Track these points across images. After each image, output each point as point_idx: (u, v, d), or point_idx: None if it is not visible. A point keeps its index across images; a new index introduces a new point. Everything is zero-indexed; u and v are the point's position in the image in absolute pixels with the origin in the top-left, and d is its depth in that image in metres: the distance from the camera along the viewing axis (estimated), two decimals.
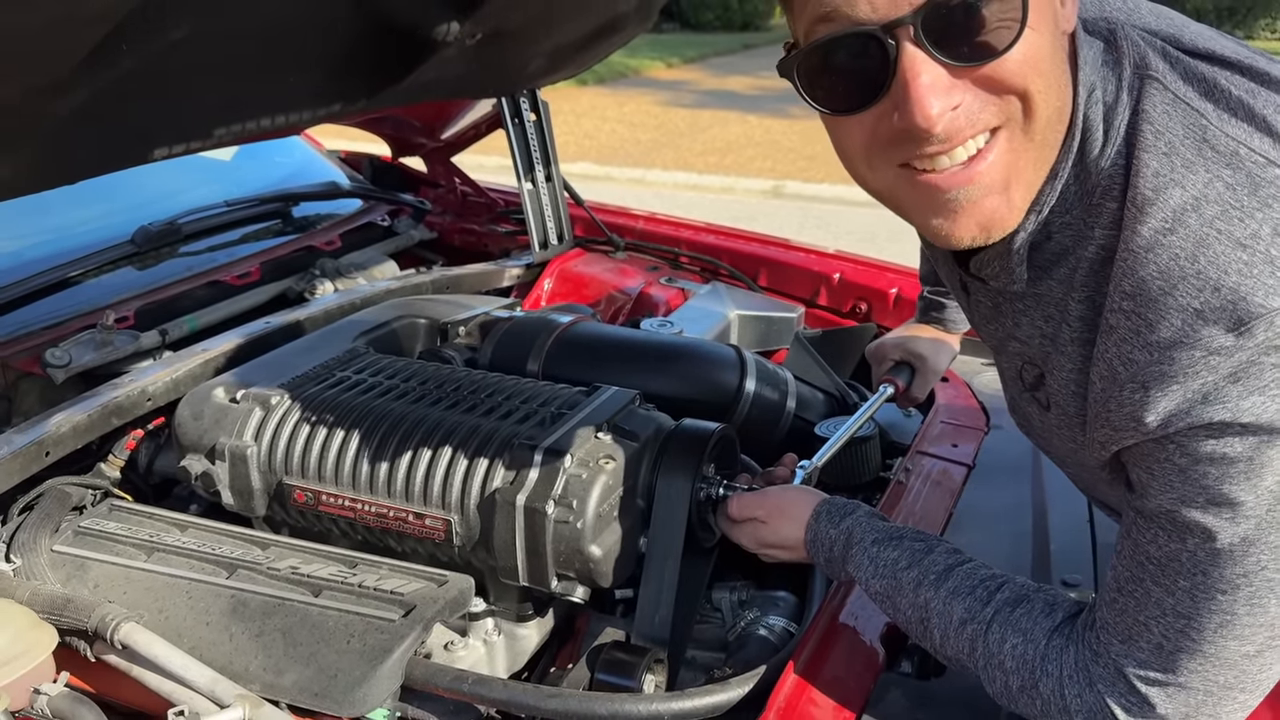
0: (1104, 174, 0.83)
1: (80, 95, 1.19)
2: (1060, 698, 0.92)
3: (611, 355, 1.62)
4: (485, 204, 2.62)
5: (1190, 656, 0.85)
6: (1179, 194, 0.79)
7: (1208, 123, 0.80)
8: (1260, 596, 0.81)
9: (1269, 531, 0.78)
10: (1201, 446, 0.78)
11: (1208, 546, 0.80)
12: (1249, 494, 0.77)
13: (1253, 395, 0.75)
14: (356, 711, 1.09)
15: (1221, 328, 0.75)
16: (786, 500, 1.22)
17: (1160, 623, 0.86)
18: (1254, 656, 0.84)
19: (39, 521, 1.33)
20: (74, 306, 1.75)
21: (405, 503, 1.27)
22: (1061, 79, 0.83)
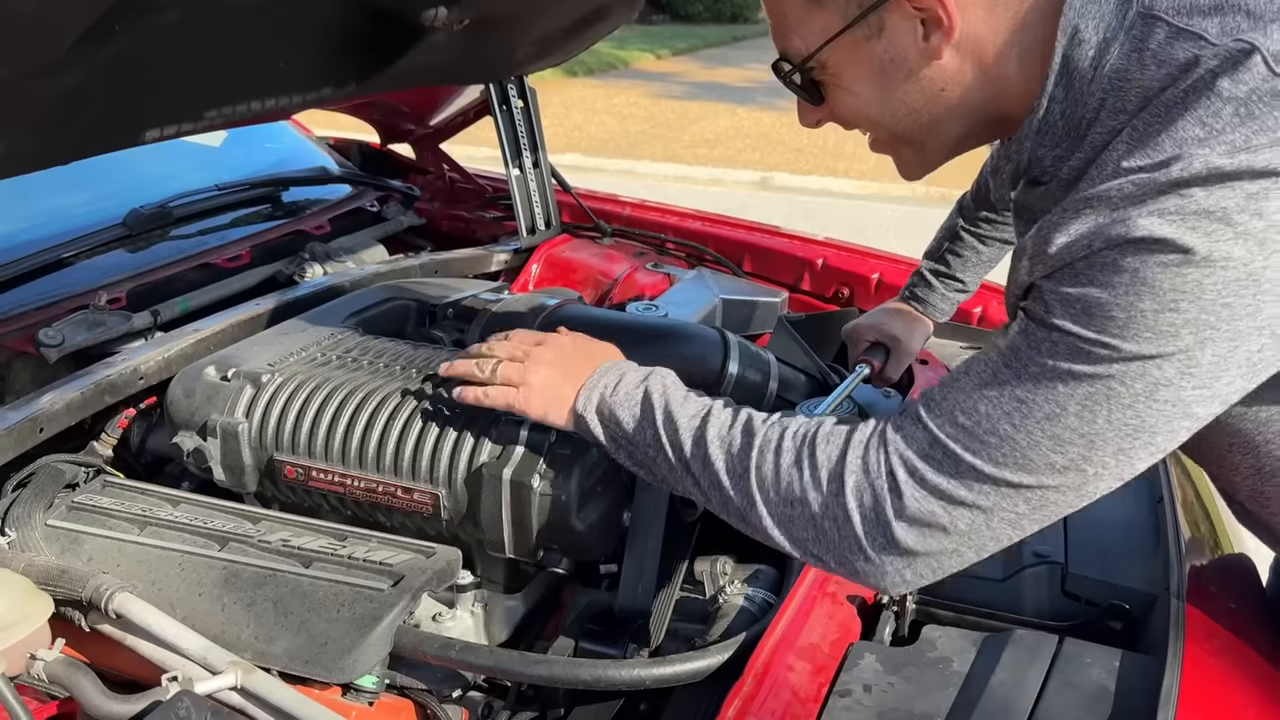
0: (1088, 109, 0.89)
1: (73, 76, 1.21)
2: (839, 460, 0.94)
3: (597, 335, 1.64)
4: (473, 190, 2.65)
5: (1002, 441, 0.87)
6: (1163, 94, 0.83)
7: (1206, 42, 0.83)
8: (1095, 403, 0.83)
9: (1131, 345, 0.81)
10: (1096, 262, 0.82)
11: (1068, 342, 0.84)
12: (1124, 312, 0.81)
13: (1151, 216, 0.79)
14: (346, 678, 1.12)
15: (1147, 172, 0.80)
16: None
17: (990, 401, 0.88)
18: (1058, 470, 0.86)
19: (33, 497, 1.35)
20: (67, 287, 1.77)
21: (394, 477, 1.30)
22: (908, 101, 0.98)
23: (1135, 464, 0.87)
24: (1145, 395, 0.83)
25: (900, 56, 0.95)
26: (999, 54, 0.93)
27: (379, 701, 1.15)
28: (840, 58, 0.98)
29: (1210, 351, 0.81)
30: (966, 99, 0.97)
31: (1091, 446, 0.85)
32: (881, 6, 0.93)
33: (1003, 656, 1.09)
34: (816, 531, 0.95)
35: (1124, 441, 0.85)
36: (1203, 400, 0.84)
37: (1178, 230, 0.78)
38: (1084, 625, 1.19)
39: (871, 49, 0.96)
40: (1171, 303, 0.79)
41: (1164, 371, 0.82)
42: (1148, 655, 1.10)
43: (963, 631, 1.15)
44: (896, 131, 1.02)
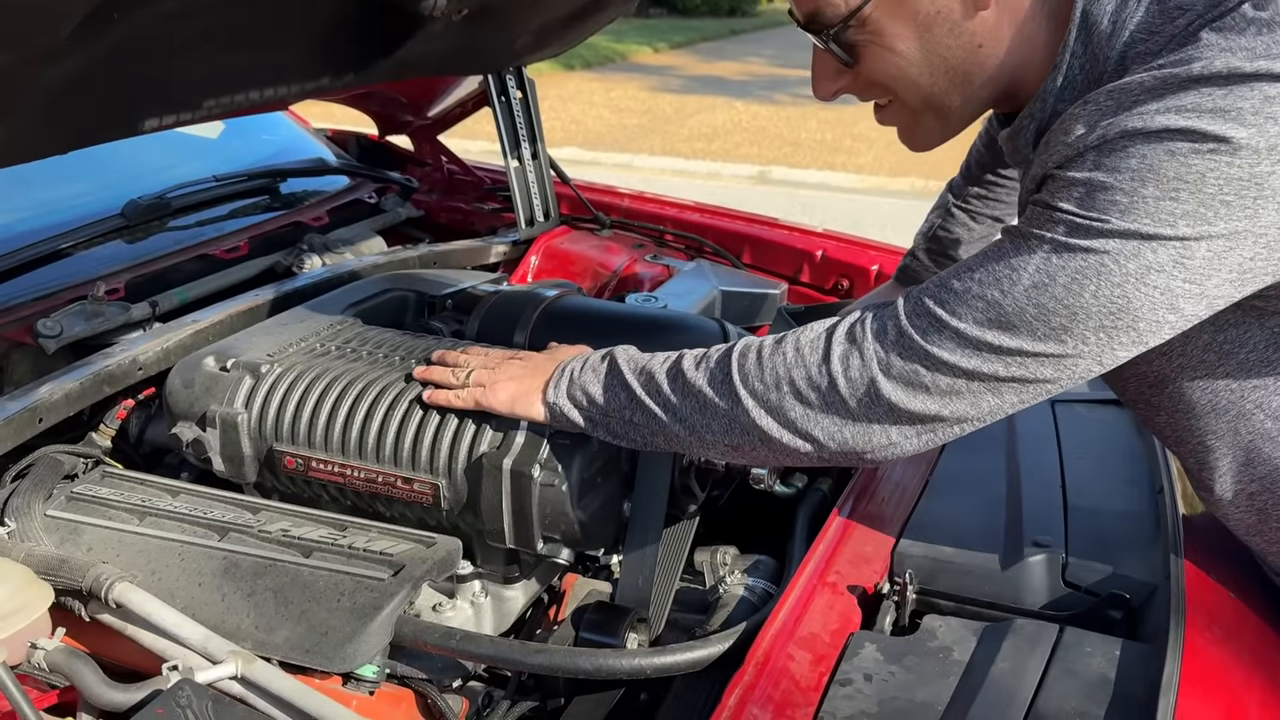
0: (1111, 64, 0.90)
1: (72, 65, 1.21)
2: (825, 336, 0.98)
3: (597, 327, 1.65)
4: (472, 182, 2.64)
5: (989, 305, 0.89)
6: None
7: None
8: (1085, 276, 0.85)
9: (1130, 224, 0.83)
10: (1107, 149, 0.84)
11: (1067, 220, 0.86)
12: (1126, 196, 0.83)
13: (1168, 111, 0.81)
14: (346, 667, 1.12)
15: (1168, 68, 0.82)
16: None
17: (984, 270, 0.91)
18: (1039, 338, 0.88)
19: (32, 487, 1.35)
20: (65, 278, 1.77)
21: (394, 468, 1.30)
22: (949, 58, 0.98)
23: (1115, 348, 0.88)
24: (1136, 276, 0.84)
25: (946, 8, 0.96)
26: (1032, 12, 0.95)
27: (379, 691, 1.15)
28: (883, 12, 0.98)
29: (1205, 246, 0.82)
30: (1000, 58, 0.98)
31: (1074, 318, 0.87)
32: None
33: (1003, 646, 1.09)
34: (805, 406, 0.98)
35: (1107, 320, 0.86)
36: (1190, 296, 0.85)
37: (1190, 121, 0.80)
38: (1084, 614, 1.19)
39: (912, 5, 0.96)
40: (1173, 191, 0.81)
41: (1158, 256, 0.83)
42: (1148, 644, 1.10)
43: (963, 621, 1.15)
44: (929, 93, 1.02)
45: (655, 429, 1.11)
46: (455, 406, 1.26)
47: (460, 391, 1.25)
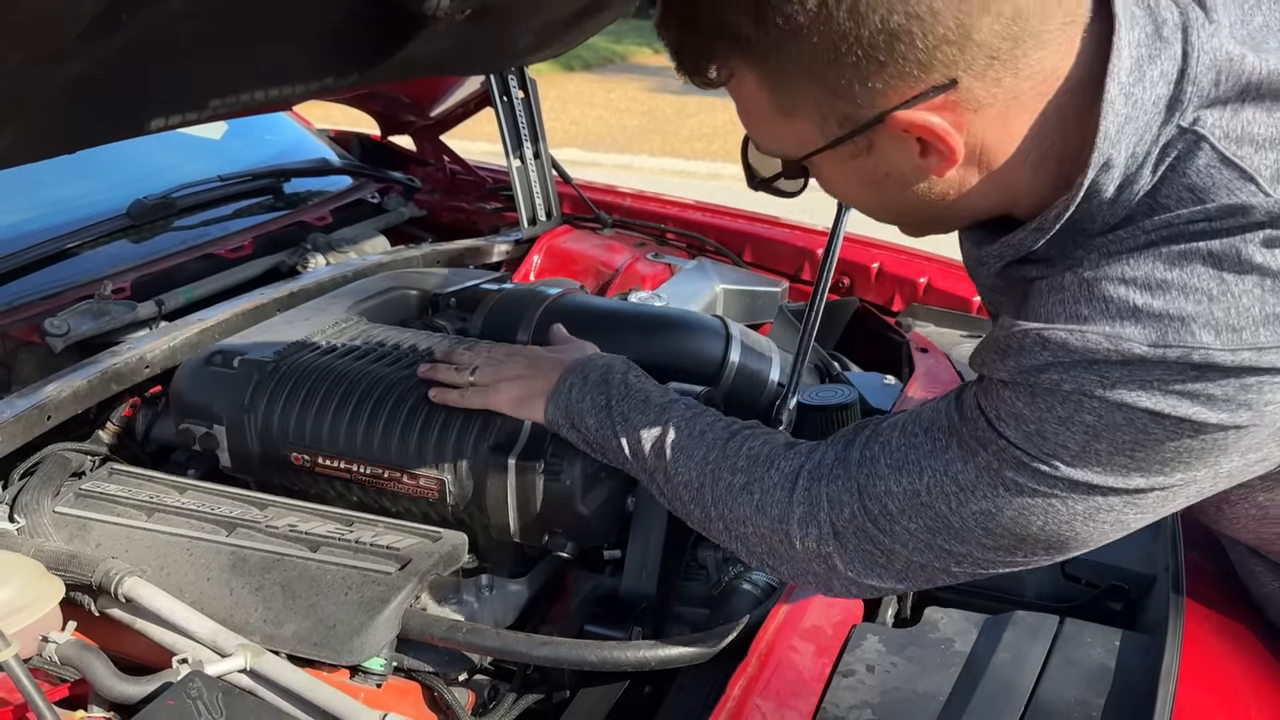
0: (1103, 220, 0.80)
1: (80, 65, 1.22)
2: (787, 490, 0.97)
3: (600, 325, 1.66)
4: (474, 182, 2.66)
5: (937, 517, 0.89)
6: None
7: (1257, 186, 0.74)
8: (1031, 513, 0.84)
9: (1080, 474, 0.80)
10: (1063, 396, 0.78)
11: (1014, 455, 0.82)
12: (1079, 445, 0.79)
13: (1134, 387, 0.75)
14: (354, 660, 1.13)
15: (1143, 334, 0.74)
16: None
17: (931, 473, 0.88)
18: (989, 549, 0.88)
19: (41, 484, 1.36)
20: (71, 277, 1.78)
21: (400, 464, 1.31)
22: (908, 208, 0.89)
23: (1064, 555, 0.89)
24: (1085, 516, 0.83)
25: (895, 172, 0.85)
26: (1012, 162, 0.82)
27: (386, 683, 1.16)
28: (827, 165, 0.88)
29: (1158, 491, 0.80)
30: (970, 202, 0.87)
31: (1022, 542, 0.87)
32: (868, 130, 0.81)
33: (1004, 637, 1.10)
34: (768, 549, 0.99)
35: (1054, 542, 0.86)
36: (1142, 520, 0.85)
37: (1155, 402, 0.74)
38: (1084, 606, 1.20)
39: (862, 164, 0.85)
40: (1129, 449, 0.77)
41: (1108, 500, 0.81)
42: (1147, 634, 1.11)
43: (964, 613, 1.16)
44: (897, 222, 0.96)
45: (644, 483, 1.13)
46: (460, 407, 1.27)
47: (465, 392, 1.26)
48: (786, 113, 0.84)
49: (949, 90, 0.77)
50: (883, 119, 0.79)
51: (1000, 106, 0.79)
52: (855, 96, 0.79)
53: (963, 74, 0.76)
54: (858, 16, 0.74)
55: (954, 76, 0.76)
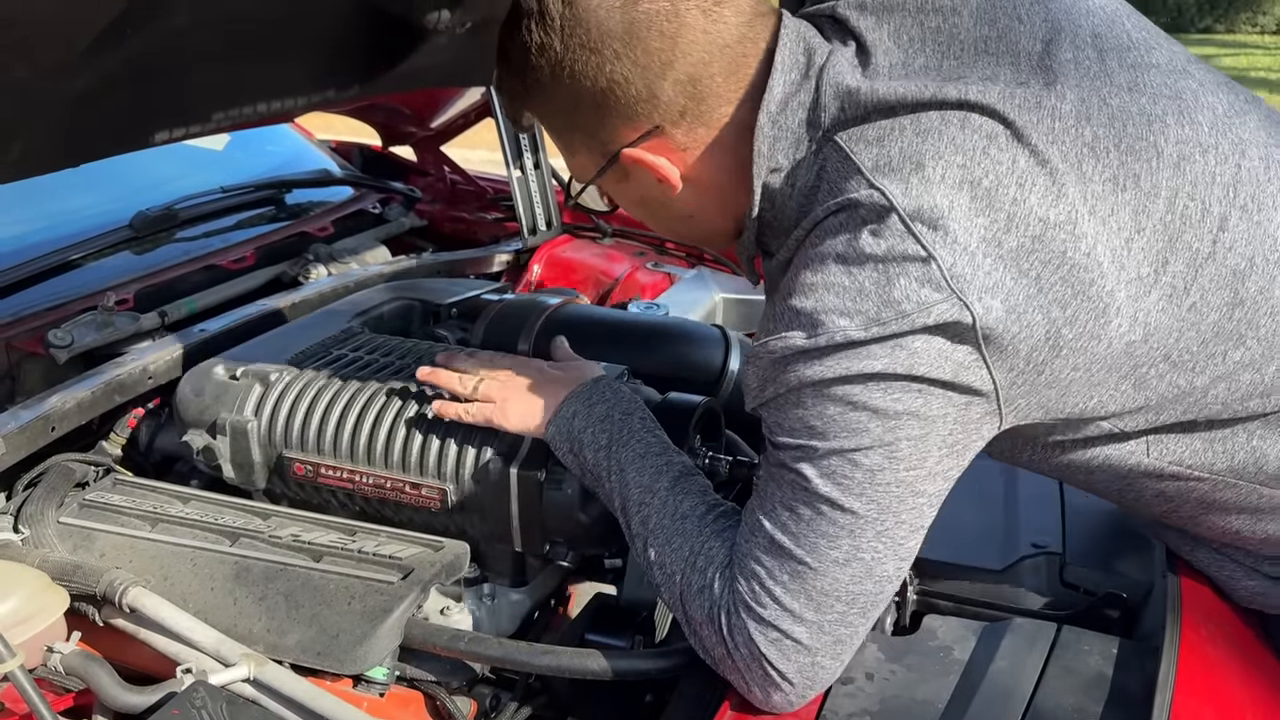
0: (791, 216, 1.00)
1: (85, 79, 1.23)
2: (721, 604, 1.01)
3: (600, 334, 1.67)
4: (474, 192, 2.67)
5: (789, 556, 0.95)
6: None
7: (862, 177, 0.92)
8: (833, 498, 0.92)
9: (835, 442, 0.91)
10: (786, 399, 0.93)
11: (791, 453, 0.94)
12: (818, 419, 0.92)
13: (812, 368, 0.90)
14: (357, 669, 1.14)
15: (803, 331, 0.90)
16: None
17: (770, 517, 0.97)
18: (841, 564, 0.94)
19: (45, 495, 1.36)
20: (75, 289, 1.79)
21: (402, 473, 1.32)
22: (673, 224, 1.13)
23: (901, 541, 0.95)
24: (868, 482, 0.92)
25: (648, 193, 1.07)
26: (730, 182, 1.03)
27: (389, 693, 1.17)
28: (609, 188, 1.11)
29: (905, 440, 0.91)
30: (714, 218, 1.09)
31: (853, 534, 0.94)
32: (615, 162, 1.03)
33: (1002, 645, 1.11)
34: (720, 659, 1.03)
35: (877, 525, 0.93)
36: (922, 479, 0.93)
37: (836, 371, 0.89)
38: (1082, 614, 1.21)
39: (627, 187, 1.08)
40: (849, 406, 0.90)
41: (872, 459, 0.91)
42: (1145, 642, 1.11)
43: (963, 621, 1.17)
44: (676, 237, 1.23)
45: (624, 530, 1.14)
46: (464, 422, 1.27)
47: (470, 407, 1.26)
48: (569, 149, 1.08)
49: (656, 134, 1.00)
50: (617, 156, 1.02)
51: (702, 148, 1.02)
52: (601, 136, 1.03)
53: (662, 122, 1.00)
54: (576, 81, 0.98)
55: (656, 124, 1.00)
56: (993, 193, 0.88)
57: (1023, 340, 0.88)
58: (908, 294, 0.87)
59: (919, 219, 0.87)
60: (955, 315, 0.86)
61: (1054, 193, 0.89)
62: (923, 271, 0.87)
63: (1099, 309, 0.89)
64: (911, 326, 0.87)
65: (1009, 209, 0.88)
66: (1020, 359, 0.89)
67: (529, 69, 1.00)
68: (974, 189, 0.88)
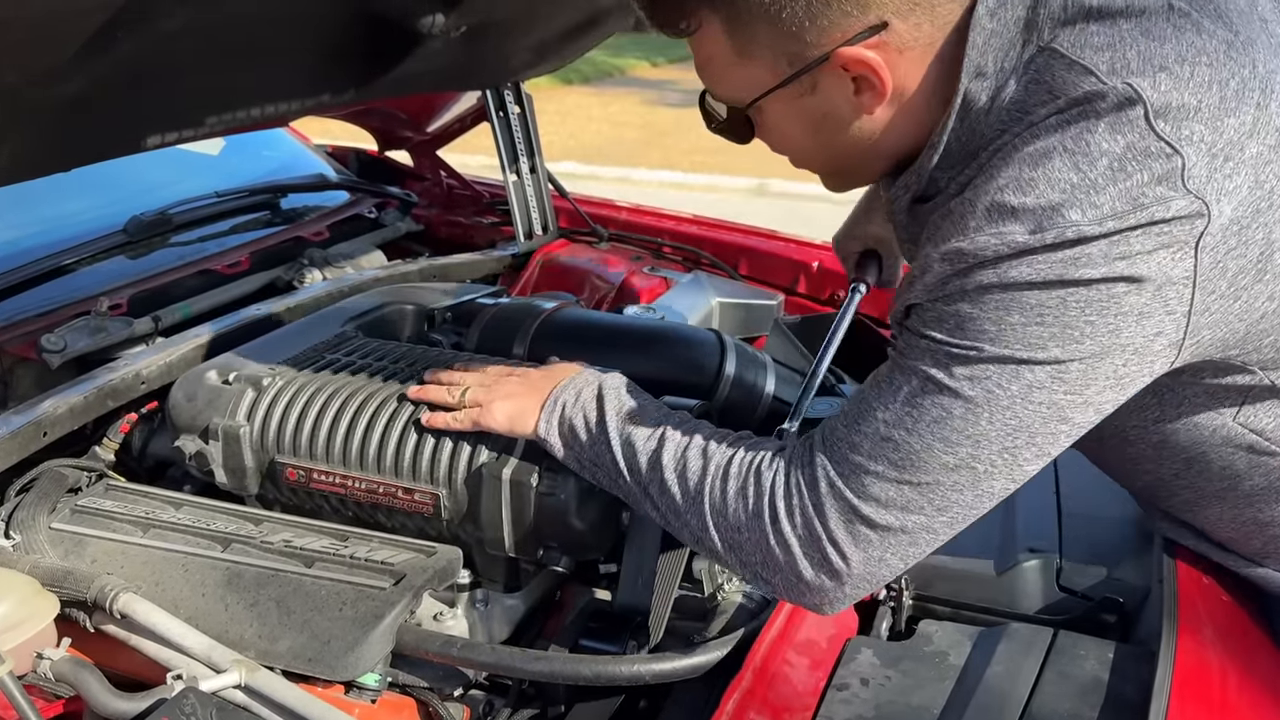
0: (985, 136, 0.93)
1: (77, 83, 1.23)
2: (773, 488, 0.98)
3: (595, 338, 1.66)
4: (470, 196, 2.67)
5: (898, 446, 0.92)
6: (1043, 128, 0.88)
7: (1096, 78, 0.87)
8: (976, 405, 0.89)
9: (1004, 349, 0.87)
10: (972, 292, 0.88)
11: (945, 350, 0.90)
12: (994, 325, 0.87)
13: (1023, 268, 0.85)
14: (349, 675, 1.13)
15: (1024, 226, 0.85)
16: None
17: (886, 410, 0.93)
18: (951, 469, 0.91)
19: (36, 501, 1.36)
20: (68, 294, 1.79)
21: (394, 478, 1.31)
22: (842, 149, 1.02)
23: (1022, 464, 0.92)
24: (1021, 397, 0.88)
25: (834, 111, 0.98)
26: (924, 100, 0.96)
27: (381, 699, 1.16)
28: (774, 108, 1.01)
29: (1078, 361, 0.87)
30: (894, 143, 1.01)
31: (978, 445, 0.90)
32: (815, 68, 0.94)
33: (998, 649, 1.11)
34: (764, 555, 0.99)
35: (1007, 440, 0.90)
36: (1075, 406, 0.89)
37: (1046, 274, 0.85)
38: (1078, 619, 1.20)
39: (805, 104, 0.99)
40: (1037, 317, 0.85)
41: (1036, 375, 0.87)
42: (1141, 647, 1.11)
43: (958, 626, 1.17)
44: (825, 168, 1.09)
45: (637, 502, 1.13)
46: (453, 428, 1.27)
47: (458, 413, 1.26)
48: (744, 55, 0.97)
49: (881, 31, 0.91)
50: (827, 57, 0.93)
51: (920, 51, 0.93)
52: (805, 35, 0.92)
53: (892, 17, 0.91)
54: None
55: (885, 19, 0.91)
56: (1240, 95, 0.85)
57: (1238, 256, 0.85)
58: (1145, 190, 0.82)
59: (1164, 116, 0.83)
60: (1193, 210, 0.82)
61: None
62: (1165, 169, 0.82)
63: None
64: (1149, 219, 0.82)
65: (1254, 113, 0.85)
66: (1226, 280, 0.86)
67: None
68: (1222, 89, 0.85)
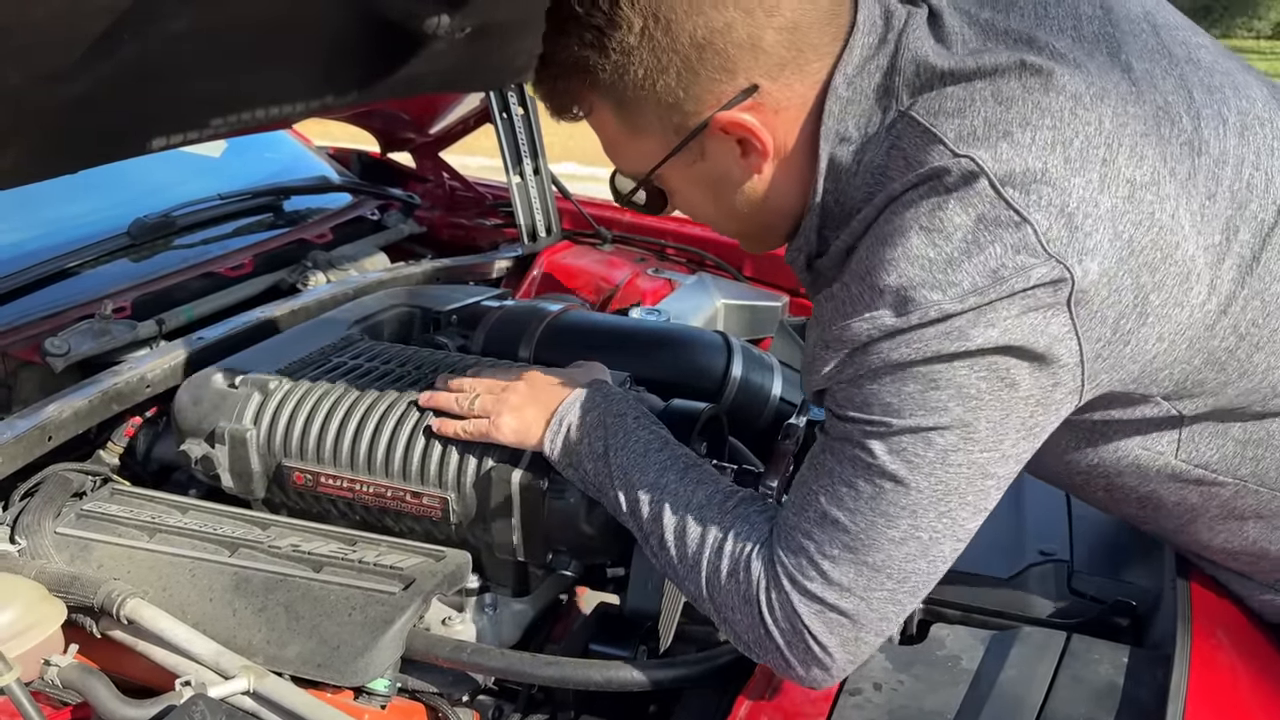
0: (856, 200, 0.96)
1: (82, 85, 1.22)
2: (757, 582, 0.99)
3: (601, 341, 1.66)
4: (473, 198, 2.66)
5: (843, 532, 0.94)
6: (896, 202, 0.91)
7: (945, 147, 0.88)
8: (900, 477, 0.90)
9: (910, 420, 0.89)
10: (866, 374, 0.90)
11: (861, 429, 0.92)
12: (894, 396, 0.89)
13: (899, 348, 0.87)
14: (358, 681, 1.13)
15: (891, 309, 0.87)
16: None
17: (826, 495, 0.95)
18: (898, 542, 0.93)
19: (42, 505, 1.35)
20: (72, 297, 1.78)
21: (403, 482, 1.31)
22: (741, 210, 1.04)
23: (962, 523, 0.94)
24: (939, 462, 0.90)
25: (726, 173, 1.01)
26: (804, 158, 0.99)
27: (391, 705, 1.15)
28: (673, 176, 1.04)
29: (983, 420, 0.89)
30: (785, 202, 1.03)
31: (915, 515, 0.92)
32: (698, 134, 0.97)
33: (1011, 654, 1.10)
34: (756, 638, 1.00)
35: (940, 505, 0.92)
36: (994, 461, 0.91)
37: (923, 351, 0.87)
38: (1091, 622, 1.20)
39: (699, 170, 1.02)
40: (931, 383, 0.88)
41: (947, 439, 0.89)
42: (1155, 650, 1.10)
43: (971, 630, 1.16)
44: (734, 230, 1.12)
45: (635, 536, 1.12)
46: (462, 439, 1.26)
47: (466, 424, 1.25)
48: (635, 130, 1.01)
49: (753, 94, 0.95)
50: (706, 123, 0.96)
51: (795, 110, 0.96)
52: (683, 105, 0.96)
53: (761, 79, 0.94)
54: (672, 34, 0.92)
55: (754, 81, 0.94)
56: (1084, 153, 0.86)
57: (1112, 306, 0.86)
58: (1003, 261, 0.84)
59: (1010, 184, 0.85)
60: (1054, 277, 0.84)
61: (1138, 154, 0.88)
62: (1017, 237, 0.84)
63: (1183, 274, 0.88)
64: (1010, 291, 0.84)
65: (1100, 170, 0.86)
66: (1108, 328, 0.87)
67: (612, 28, 0.92)
68: (1066, 150, 0.86)
